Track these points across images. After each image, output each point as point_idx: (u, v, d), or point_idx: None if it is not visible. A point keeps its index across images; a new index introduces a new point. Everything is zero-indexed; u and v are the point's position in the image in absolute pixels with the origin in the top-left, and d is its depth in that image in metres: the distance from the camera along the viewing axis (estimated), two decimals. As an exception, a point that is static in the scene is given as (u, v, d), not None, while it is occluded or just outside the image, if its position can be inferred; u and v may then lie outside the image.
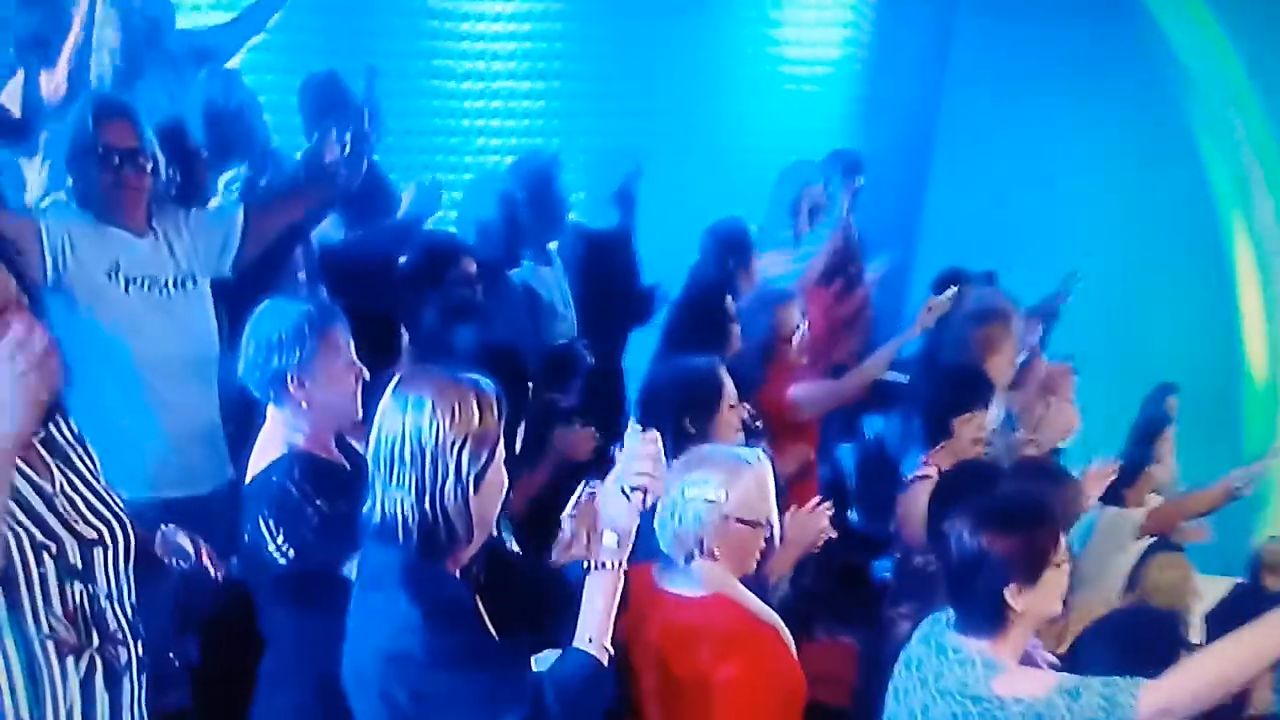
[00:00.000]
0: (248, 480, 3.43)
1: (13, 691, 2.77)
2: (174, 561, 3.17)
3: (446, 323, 4.42)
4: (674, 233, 6.40)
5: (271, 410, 3.44)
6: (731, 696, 3.12)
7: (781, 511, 3.43)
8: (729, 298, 5.23)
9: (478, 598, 2.74)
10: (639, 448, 2.71)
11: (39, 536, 2.78)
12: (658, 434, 2.75)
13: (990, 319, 5.38)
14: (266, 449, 3.42)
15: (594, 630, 2.68)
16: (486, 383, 2.73)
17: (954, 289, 5.64)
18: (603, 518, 2.71)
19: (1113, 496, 5.17)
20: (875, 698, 3.71)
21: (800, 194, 6.51)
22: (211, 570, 3.17)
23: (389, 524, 2.67)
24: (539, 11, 7.48)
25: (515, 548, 3.80)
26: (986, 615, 3.07)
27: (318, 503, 3.26)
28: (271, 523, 3.26)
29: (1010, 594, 3.03)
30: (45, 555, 2.78)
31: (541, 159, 6.01)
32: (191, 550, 3.16)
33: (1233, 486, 5.53)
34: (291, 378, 3.36)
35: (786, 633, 3.33)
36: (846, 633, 5.00)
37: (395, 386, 2.74)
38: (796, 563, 3.95)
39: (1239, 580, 5.48)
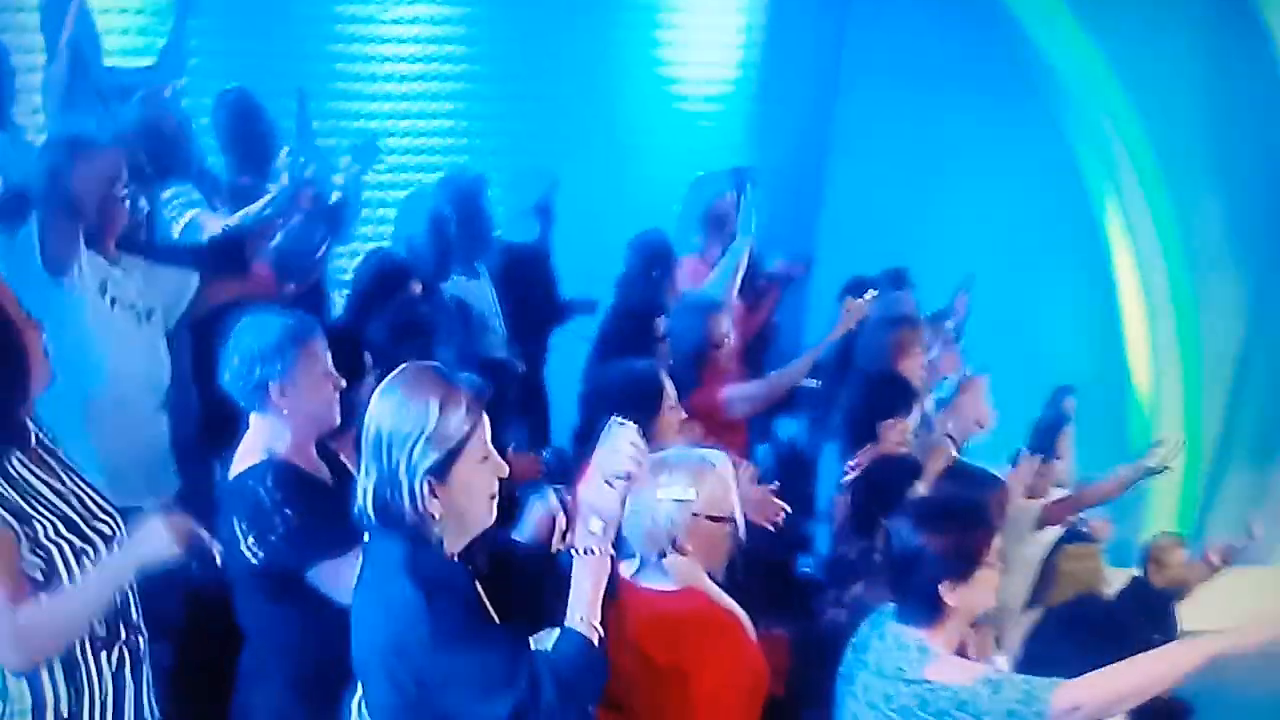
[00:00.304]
0: (230, 478, 3.57)
1: (55, 690, 2.92)
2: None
3: (400, 340, 4.57)
4: (587, 243, 6.65)
5: (254, 418, 3.58)
6: (709, 681, 3.31)
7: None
8: (658, 320, 5.47)
9: (478, 585, 2.86)
10: (621, 438, 2.84)
11: (78, 543, 2.92)
12: (636, 425, 2.88)
13: (901, 324, 5.69)
14: (247, 454, 3.56)
15: (584, 610, 2.80)
16: (464, 380, 2.85)
17: (873, 291, 5.94)
18: (586, 506, 2.83)
19: (1017, 490, 5.45)
20: (809, 685, 3.95)
21: (711, 205, 6.76)
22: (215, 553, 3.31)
23: (363, 509, 2.83)
24: (445, 36, 7.67)
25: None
26: (923, 607, 3.31)
27: (286, 511, 3.40)
28: (243, 524, 3.40)
29: (945, 589, 3.26)
30: (85, 560, 2.92)
31: (467, 178, 6.19)
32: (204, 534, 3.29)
33: (1126, 479, 5.84)
34: (273, 386, 3.52)
35: (749, 623, 3.55)
36: (778, 625, 5.22)
37: (386, 380, 2.90)
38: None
39: (1136, 574, 5.79)
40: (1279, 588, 7.48)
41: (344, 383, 3.68)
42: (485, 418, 2.86)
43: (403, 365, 2.93)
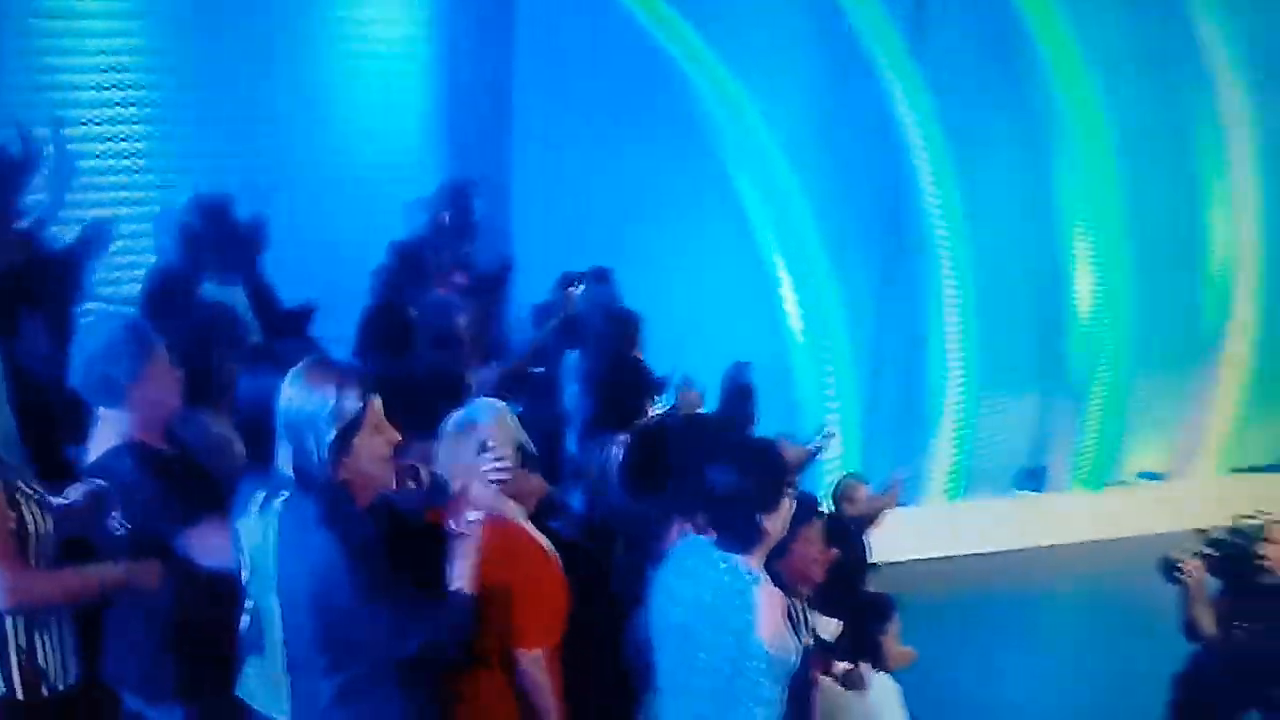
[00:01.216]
0: (92, 463, 3.95)
1: (15, 624, 3.48)
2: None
3: (204, 339, 4.91)
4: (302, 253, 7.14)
5: (104, 411, 3.96)
6: (532, 596, 3.90)
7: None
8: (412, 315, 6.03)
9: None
10: (500, 450, 3.71)
11: (34, 494, 3.40)
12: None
13: (628, 320, 6.47)
14: (104, 441, 3.95)
15: (463, 578, 3.54)
16: (354, 366, 3.50)
17: (581, 284, 6.71)
18: (467, 498, 3.58)
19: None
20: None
21: (433, 218, 7.36)
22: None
23: (285, 476, 3.43)
24: (137, 63, 7.86)
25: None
26: (746, 536, 3.92)
27: (148, 486, 3.82)
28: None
29: (764, 518, 3.93)
30: (45, 512, 3.44)
31: (215, 195, 6.55)
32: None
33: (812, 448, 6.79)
34: (124, 383, 3.91)
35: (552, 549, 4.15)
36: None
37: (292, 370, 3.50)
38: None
39: (830, 510, 6.68)
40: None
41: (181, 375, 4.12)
42: (376, 396, 3.47)
43: (306, 357, 3.53)
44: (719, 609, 3.88)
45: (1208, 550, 5.77)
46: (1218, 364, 11.23)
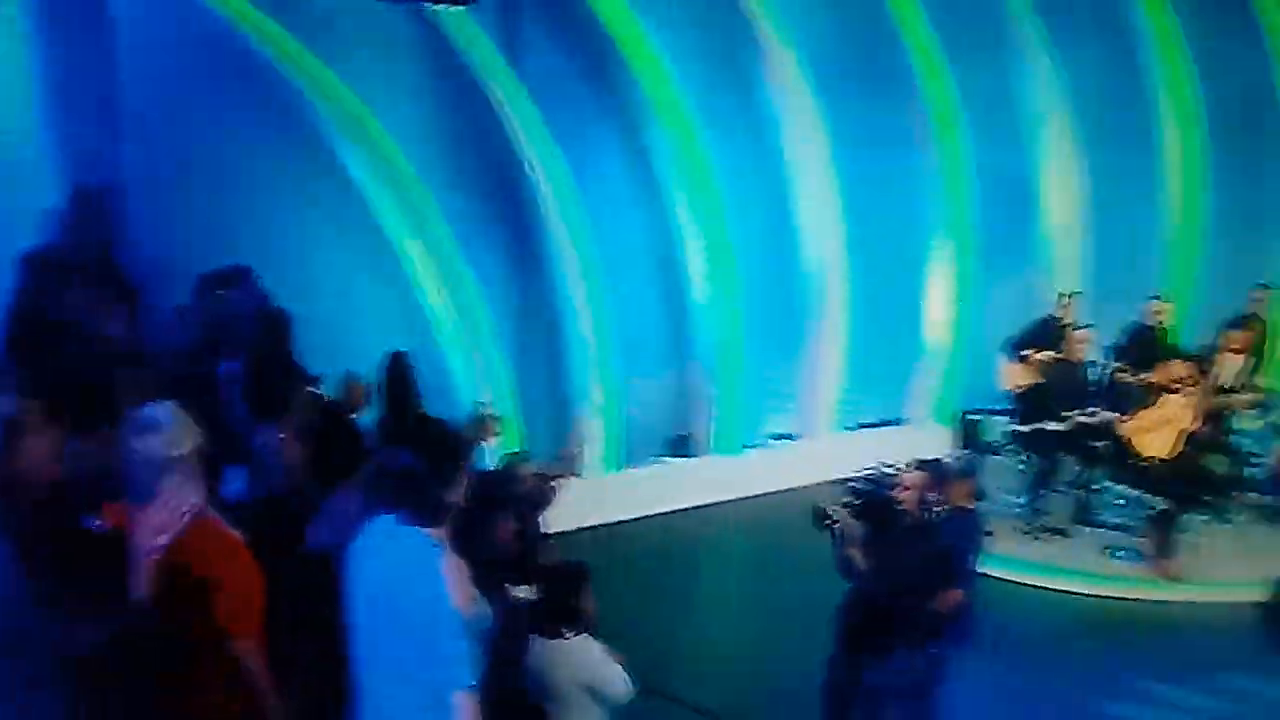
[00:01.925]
0: None
1: None
2: None
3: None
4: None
5: None
6: (234, 588, 3.98)
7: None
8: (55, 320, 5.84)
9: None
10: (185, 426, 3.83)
11: None
12: None
13: (279, 320, 6.49)
14: None
15: (142, 586, 3.65)
16: (13, 372, 3.43)
17: (231, 287, 6.67)
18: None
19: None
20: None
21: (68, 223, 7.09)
22: None
23: None
24: None
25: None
26: (431, 512, 4.20)
27: None
28: None
29: (442, 492, 4.20)
30: None
31: None
32: None
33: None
34: None
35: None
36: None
37: None
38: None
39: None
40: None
41: None
42: (34, 398, 3.41)
43: None
44: (408, 580, 4.11)
45: (851, 499, 6.32)
46: (821, 338, 11.95)
